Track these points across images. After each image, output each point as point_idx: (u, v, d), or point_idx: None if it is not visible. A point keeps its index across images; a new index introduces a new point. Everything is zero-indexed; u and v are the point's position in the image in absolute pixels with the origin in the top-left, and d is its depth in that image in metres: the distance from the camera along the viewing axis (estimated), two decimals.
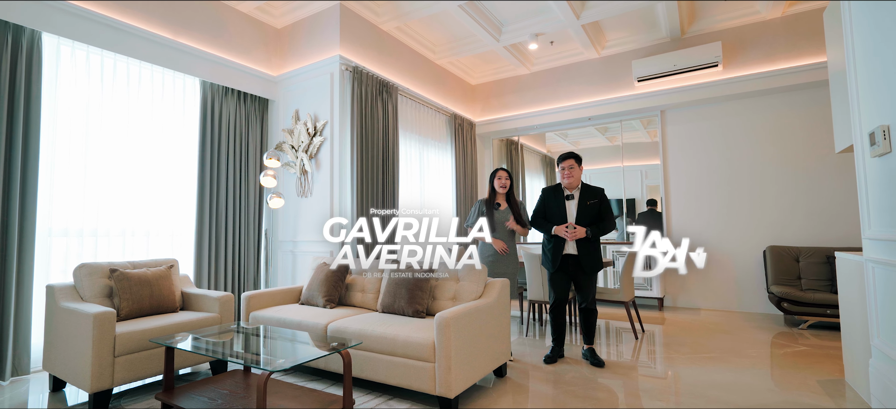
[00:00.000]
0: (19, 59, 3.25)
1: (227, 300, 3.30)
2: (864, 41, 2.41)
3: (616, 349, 3.86)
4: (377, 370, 2.72)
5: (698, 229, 5.63)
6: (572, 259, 3.42)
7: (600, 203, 3.43)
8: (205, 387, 2.63)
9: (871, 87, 2.37)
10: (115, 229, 3.88)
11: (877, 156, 2.31)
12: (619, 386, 2.95)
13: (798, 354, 3.61)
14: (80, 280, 3.00)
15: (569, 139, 6.93)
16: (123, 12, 3.82)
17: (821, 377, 3.06)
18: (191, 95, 4.45)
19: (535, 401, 2.71)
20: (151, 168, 4.13)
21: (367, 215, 4.69)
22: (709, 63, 5.27)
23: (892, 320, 2.26)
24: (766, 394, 2.77)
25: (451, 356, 2.46)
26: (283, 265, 4.98)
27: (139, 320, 2.99)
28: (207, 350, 2.40)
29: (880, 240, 2.34)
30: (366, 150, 4.74)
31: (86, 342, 2.55)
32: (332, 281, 3.54)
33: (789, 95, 5.19)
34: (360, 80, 4.74)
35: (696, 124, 5.71)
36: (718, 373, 3.17)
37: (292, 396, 2.48)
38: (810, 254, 4.73)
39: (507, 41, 5.68)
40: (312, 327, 3.04)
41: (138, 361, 2.76)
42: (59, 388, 2.95)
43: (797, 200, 5.11)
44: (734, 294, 5.42)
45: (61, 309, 2.81)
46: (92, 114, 3.74)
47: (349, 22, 4.80)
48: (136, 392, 2.92)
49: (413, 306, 3.07)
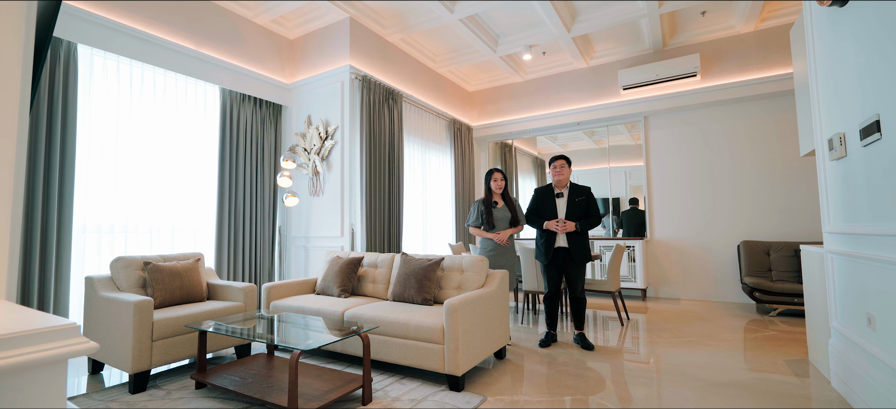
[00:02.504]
0: (58, 69, 3.35)
1: (250, 291, 3.42)
2: (824, 58, 2.58)
3: (604, 334, 4.02)
4: (391, 351, 2.87)
5: (678, 226, 5.82)
6: (563, 252, 3.58)
7: (587, 200, 3.60)
8: (234, 368, 2.77)
9: (829, 99, 2.54)
10: (142, 226, 3.99)
11: (834, 160, 2.48)
12: (607, 367, 3.11)
13: (768, 338, 3.79)
14: (116, 272, 3.12)
15: (558, 142, 7.10)
16: (151, 25, 3.93)
17: (787, 357, 3.24)
18: (211, 102, 4.56)
19: (532, 380, 2.86)
20: (175, 169, 4.24)
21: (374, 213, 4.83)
22: (688, 73, 5.46)
23: (848, 304, 2.44)
24: (739, 373, 2.94)
25: (458, 338, 2.61)
26: (297, 259, 5.10)
27: (171, 308, 3.11)
28: (240, 334, 2.52)
29: (838, 233, 2.51)
30: (373, 152, 4.88)
31: (126, 328, 2.67)
32: (345, 272, 3.67)
33: (761, 103, 5.38)
34: (368, 87, 4.87)
35: (677, 129, 5.89)
36: (696, 355, 3.34)
37: (315, 374, 2.62)
38: (780, 248, 4.93)
39: (503, 52, 5.83)
40: (330, 314, 3.17)
41: (172, 345, 2.88)
42: (96, 370, 3.06)
43: (769, 199, 5.30)
44: (711, 285, 5.61)
45: (100, 298, 2.92)
46: (122, 119, 3.85)
47: (358, 34, 4.93)
48: (168, 374, 3.04)
49: (422, 294, 3.21)
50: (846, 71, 2.28)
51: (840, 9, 2.29)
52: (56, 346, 0.77)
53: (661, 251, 5.92)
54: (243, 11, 4.72)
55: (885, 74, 1.87)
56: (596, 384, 2.79)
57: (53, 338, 0.78)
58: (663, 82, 5.67)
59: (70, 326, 0.81)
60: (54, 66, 3.35)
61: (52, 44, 3.34)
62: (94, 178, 3.66)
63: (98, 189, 3.69)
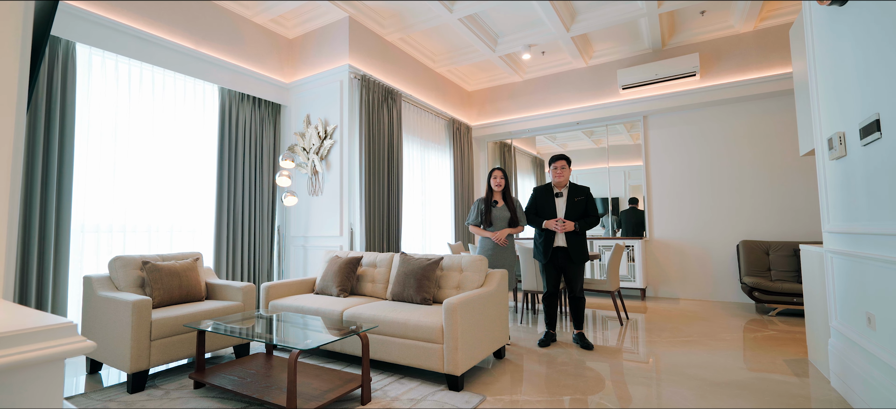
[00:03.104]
0: (56, 68, 3.34)
1: (249, 290, 3.41)
2: (824, 57, 2.58)
3: (603, 334, 4.02)
4: (390, 351, 2.86)
5: (677, 226, 5.82)
6: (562, 251, 3.58)
7: (586, 200, 3.60)
8: (232, 368, 2.76)
9: (828, 98, 2.54)
10: (141, 225, 3.98)
11: (834, 159, 2.48)
12: (607, 367, 3.11)
13: (767, 337, 3.80)
14: (115, 271, 3.11)
15: (557, 142, 7.10)
16: (150, 24, 3.93)
17: (787, 357, 3.24)
18: (210, 101, 4.55)
19: (531, 380, 2.86)
20: (174, 169, 4.23)
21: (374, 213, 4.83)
22: (687, 72, 5.46)
23: (847, 304, 2.44)
24: (739, 372, 2.94)
25: (458, 337, 2.60)
26: (295, 259, 5.09)
27: (170, 308, 3.10)
28: (239, 334, 2.52)
29: (838, 233, 2.51)
30: (372, 152, 4.87)
31: (125, 327, 2.67)
32: (344, 272, 3.67)
33: (760, 102, 5.39)
34: (367, 87, 4.86)
35: (676, 129, 5.89)
36: (696, 355, 3.34)
37: (314, 374, 2.62)
38: (779, 248, 4.93)
39: (502, 51, 5.83)
40: (329, 313, 3.17)
41: (171, 345, 2.87)
42: (95, 370, 3.05)
43: (768, 199, 5.30)
44: (710, 285, 5.61)
45: (99, 298, 2.91)
46: (120, 118, 3.84)
47: (357, 33, 4.92)
48: (167, 374, 3.04)
49: (421, 294, 3.21)
50: (846, 70, 2.28)
51: (839, 8, 2.29)
52: (52, 345, 0.77)
53: (661, 251, 5.92)
54: (242, 11, 4.71)
55: (885, 74, 1.87)
56: (595, 383, 2.78)
57: (50, 337, 0.77)
58: (662, 82, 5.67)
59: (67, 325, 0.80)
60: (52, 65, 3.34)
61: (51, 43, 3.33)
62: (92, 177, 3.65)
63: (97, 188, 3.68)
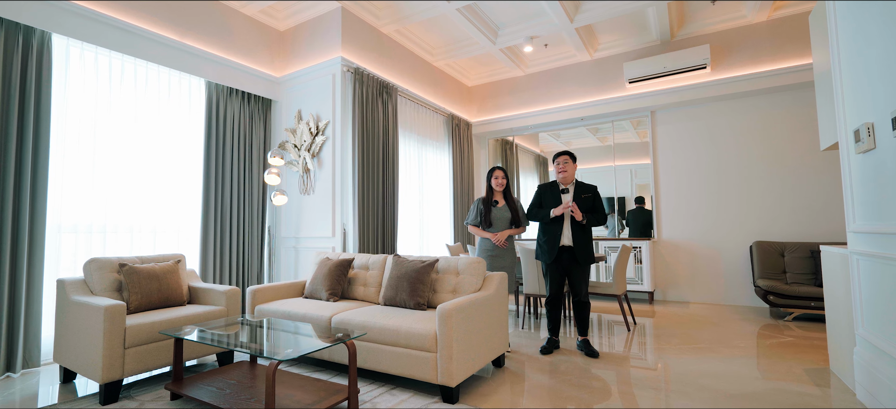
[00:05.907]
0: (30, 59, 3.22)
1: (233, 294, 3.28)
2: (849, 42, 2.42)
3: (609, 340, 3.87)
4: (380, 360, 2.72)
5: (687, 226, 5.66)
6: (568, 251, 3.44)
7: (594, 198, 3.47)
8: (212, 377, 2.63)
9: (855, 86, 2.39)
10: (122, 226, 3.85)
11: (861, 152, 2.33)
12: (613, 376, 2.96)
13: (784, 344, 3.64)
14: (90, 275, 2.98)
15: (561, 139, 6.94)
16: (131, 14, 3.80)
17: (806, 365, 3.08)
18: (196, 96, 4.42)
19: (533, 391, 2.72)
20: (158, 166, 4.10)
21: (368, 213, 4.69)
22: (698, 65, 5.30)
23: (876, 311, 2.28)
24: (755, 382, 2.79)
25: (452, 346, 2.46)
26: (286, 260, 4.96)
27: (148, 313, 2.97)
28: (216, 341, 2.38)
29: (864, 233, 2.36)
30: (366, 149, 4.73)
31: (97, 335, 2.54)
32: (335, 275, 3.53)
33: (774, 96, 5.22)
34: (361, 81, 4.73)
35: (686, 124, 5.73)
36: (707, 363, 3.18)
37: (298, 385, 2.48)
38: (795, 249, 4.76)
39: (503, 44, 5.68)
40: (317, 319, 3.03)
41: (147, 353, 2.74)
42: (69, 379, 2.93)
43: (782, 197, 5.14)
44: (722, 288, 5.45)
45: (72, 303, 2.78)
46: (100, 113, 3.71)
47: (350, 25, 4.79)
48: (144, 383, 2.91)
49: (415, 298, 3.06)
50: (874, 55, 2.12)
51: None
52: None
53: (669, 252, 5.75)
54: (230, 1, 4.58)
55: None
56: (601, 393, 2.64)
57: None
58: (671, 75, 5.50)
59: None
60: (26, 56, 3.22)
61: (24, 33, 3.21)
62: (70, 175, 3.53)
63: (75, 187, 3.55)
